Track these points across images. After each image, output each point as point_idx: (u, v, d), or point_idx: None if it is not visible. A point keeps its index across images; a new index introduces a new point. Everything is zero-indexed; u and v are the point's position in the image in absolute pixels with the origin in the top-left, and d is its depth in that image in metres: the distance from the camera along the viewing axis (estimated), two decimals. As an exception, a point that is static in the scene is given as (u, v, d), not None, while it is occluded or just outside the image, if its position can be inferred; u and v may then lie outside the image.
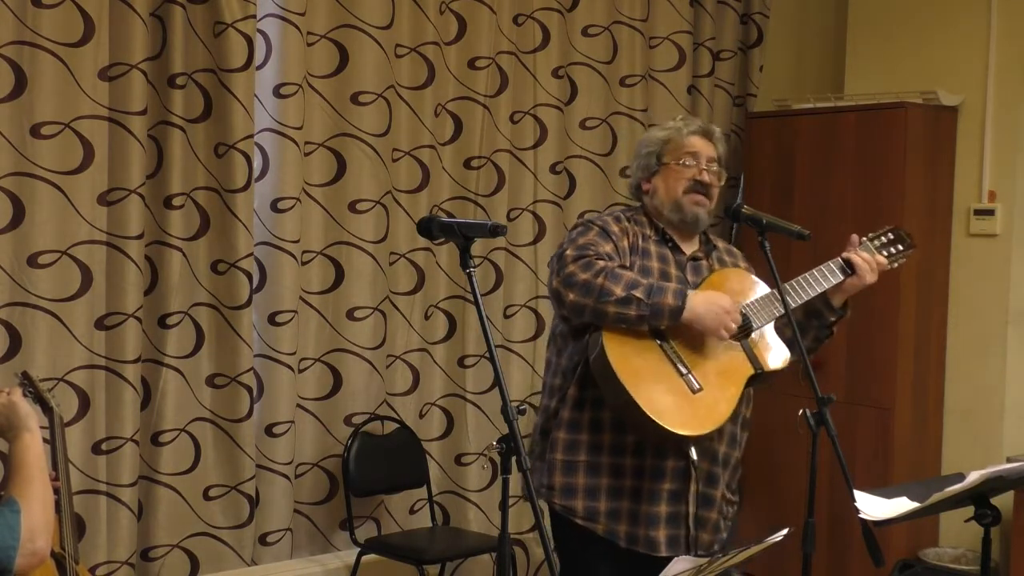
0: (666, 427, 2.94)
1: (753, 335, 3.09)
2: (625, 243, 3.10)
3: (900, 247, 3.29)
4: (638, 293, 2.94)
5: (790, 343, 3.14)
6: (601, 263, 2.98)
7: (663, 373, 2.99)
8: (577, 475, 3.10)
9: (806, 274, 3.16)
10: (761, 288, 3.17)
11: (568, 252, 3.03)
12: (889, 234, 3.29)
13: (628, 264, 3.07)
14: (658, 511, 3.08)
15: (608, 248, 3.05)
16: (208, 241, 4.18)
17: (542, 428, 3.20)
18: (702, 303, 2.97)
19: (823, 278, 3.17)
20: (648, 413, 2.92)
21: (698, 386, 3.00)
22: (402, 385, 4.70)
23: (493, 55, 4.82)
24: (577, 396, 3.10)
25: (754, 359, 3.08)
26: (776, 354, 3.11)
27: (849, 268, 3.17)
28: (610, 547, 3.10)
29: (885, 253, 3.26)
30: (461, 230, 2.58)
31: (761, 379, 3.11)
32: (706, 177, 3.13)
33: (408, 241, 4.65)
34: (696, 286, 3.12)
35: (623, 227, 3.12)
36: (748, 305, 3.10)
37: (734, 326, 3.00)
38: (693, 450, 3.06)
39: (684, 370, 3.00)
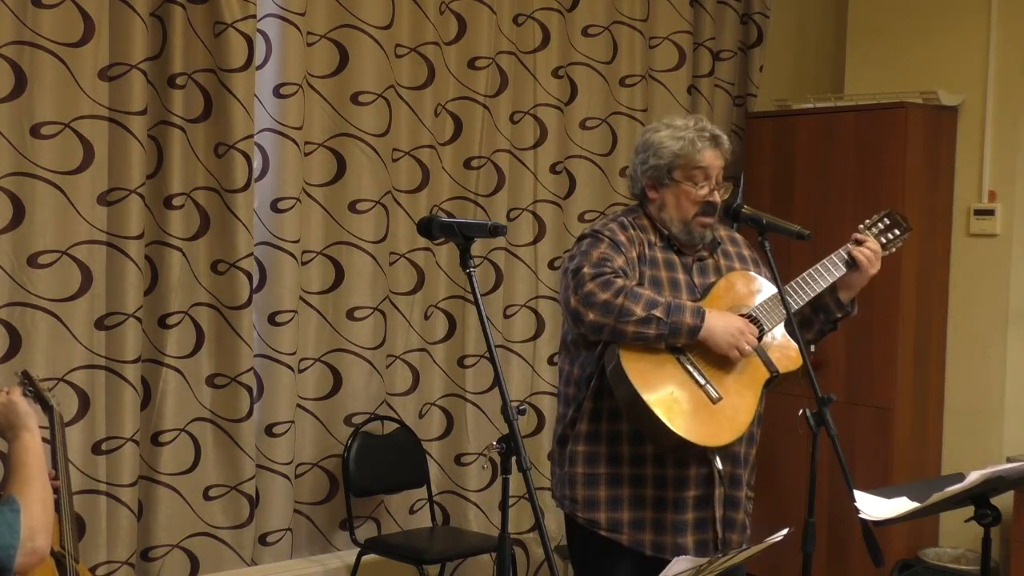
0: (690, 440, 2.95)
1: (766, 338, 3.09)
2: (634, 253, 3.08)
3: (897, 231, 3.28)
4: (658, 312, 2.93)
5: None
6: (620, 282, 2.97)
7: (682, 386, 2.99)
8: (598, 487, 3.11)
9: (810, 270, 3.16)
10: (768, 288, 3.16)
11: (585, 270, 3.00)
12: (885, 219, 3.28)
13: (639, 276, 3.06)
14: (685, 518, 3.09)
15: (621, 262, 3.03)
16: (208, 241, 4.18)
17: (559, 436, 3.21)
18: (718, 323, 2.97)
19: (827, 272, 3.16)
20: (671, 427, 2.93)
21: (717, 396, 3.00)
22: (402, 385, 4.70)
23: (493, 55, 4.82)
24: (593, 408, 3.09)
25: (769, 363, 3.07)
26: (789, 355, 3.11)
27: (852, 261, 3.18)
28: (634, 556, 3.11)
29: (883, 240, 3.25)
30: (461, 230, 2.58)
31: (777, 381, 3.11)
32: (716, 197, 3.11)
33: (408, 241, 4.65)
34: (704, 288, 3.12)
35: (629, 236, 3.10)
36: (757, 307, 3.09)
37: (748, 347, 2.99)
38: (718, 459, 3.07)
39: (703, 381, 3.00)
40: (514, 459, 2.46)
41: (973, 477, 2.68)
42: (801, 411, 2.91)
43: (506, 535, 2.54)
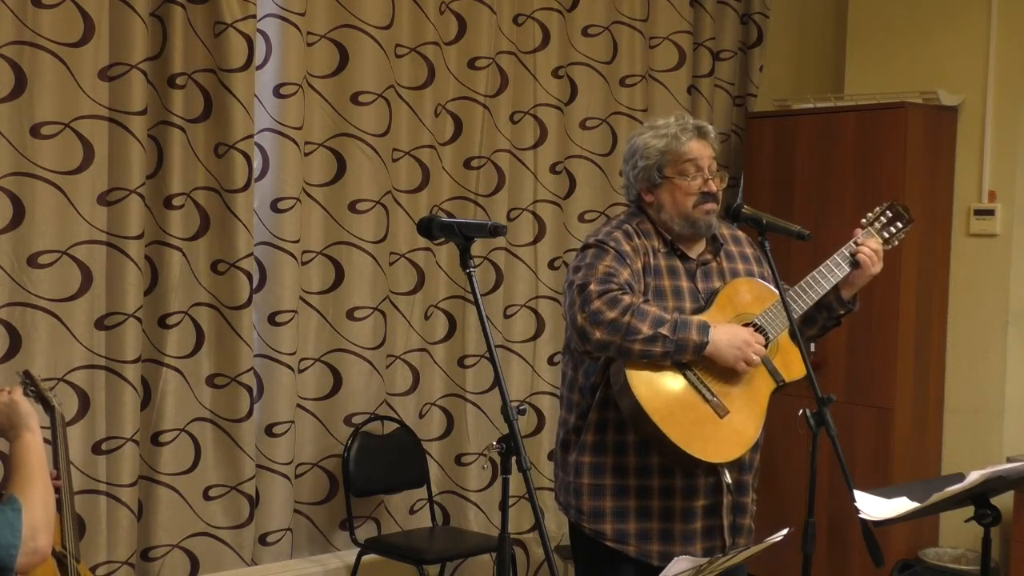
0: (699, 457, 2.96)
1: (771, 345, 3.09)
2: (638, 264, 3.07)
3: (899, 224, 3.27)
4: (664, 330, 2.93)
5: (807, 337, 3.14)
6: (627, 299, 2.96)
7: (690, 402, 2.99)
8: (604, 498, 3.10)
9: (814, 272, 3.15)
10: (772, 294, 3.14)
11: (592, 287, 2.98)
12: (887, 212, 3.27)
13: (643, 287, 3.05)
14: (694, 527, 3.09)
15: (626, 275, 3.02)
16: (208, 241, 4.18)
17: (562, 441, 3.21)
18: (724, 337, 2.97)
19: (830, 274, 3.15)
20: (679, 445, 2.93)
21: (724, 410, 3.00)
22: (402, 385, 4.70)
23: (493, 55, 4.82)
24: (599, 419, 3.09)
25: (775, 372, 3.08)
26: (795, 362, 3.11)
27: (855, 260, 3.17)
28: (640, 565, 3.11)
29: (886, 234, 3.25)
30: (461, 230, 2.57)
31: (783, 389, 3.11)
32: (712, 186, 3.10)
33: (408, 241, 4.65)
34: (708, 294, 3.11)
35: (634, 245, 3.08)
36: (762, 315, 3.09)
37: (756, 358, 2.99)
38: (727, 472, 3.07)
39: (710, 396, 3.00)
40: (514, 459, 2.46)
41: (973, 477, 2.67)
42: (801, 411, 2.91)
43: (506, 535, 2.54)
